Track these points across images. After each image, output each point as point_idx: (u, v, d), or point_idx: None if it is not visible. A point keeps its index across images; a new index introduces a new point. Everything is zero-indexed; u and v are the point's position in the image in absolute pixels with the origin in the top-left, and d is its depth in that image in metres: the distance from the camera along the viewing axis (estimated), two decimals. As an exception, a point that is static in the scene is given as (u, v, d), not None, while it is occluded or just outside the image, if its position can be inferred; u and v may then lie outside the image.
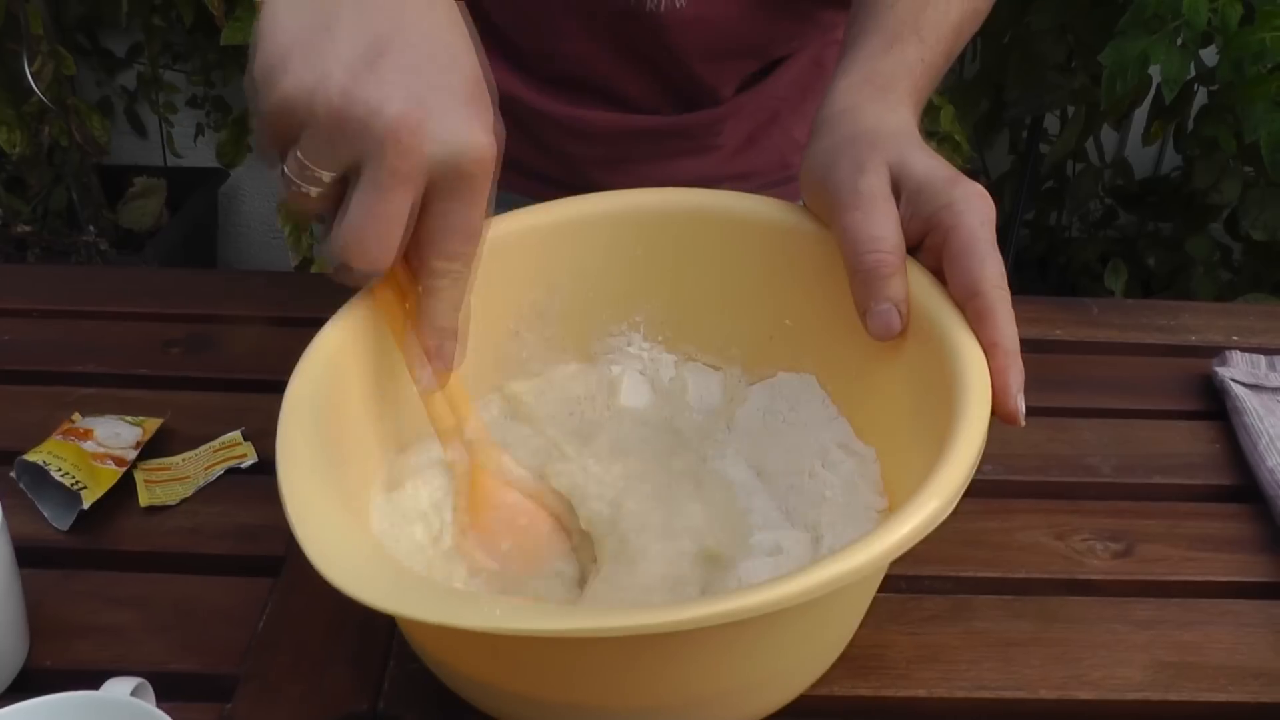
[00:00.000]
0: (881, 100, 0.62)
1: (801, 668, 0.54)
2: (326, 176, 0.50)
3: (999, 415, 0.52)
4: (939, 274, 0.56)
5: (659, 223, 0.66)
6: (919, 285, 0.56)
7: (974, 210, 0.55)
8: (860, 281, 0.56)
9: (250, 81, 0.51)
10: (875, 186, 0.56)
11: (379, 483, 0.60)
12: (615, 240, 0.66)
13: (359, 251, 0.51)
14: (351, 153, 0.49)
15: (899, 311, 0.56)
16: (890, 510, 0.59)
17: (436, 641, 0.53)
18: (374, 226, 0.50)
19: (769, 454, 0.64)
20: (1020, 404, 0.52)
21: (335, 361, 0.57)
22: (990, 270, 0.54)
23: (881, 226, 0.56)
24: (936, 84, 0.69)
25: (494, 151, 0.51)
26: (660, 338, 0.69)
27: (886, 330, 0.56)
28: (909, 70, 0.65)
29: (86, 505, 0.66)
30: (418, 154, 0.49)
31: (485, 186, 0.52)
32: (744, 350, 0.68)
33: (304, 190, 0.51)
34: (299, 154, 0.50)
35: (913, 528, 0.45)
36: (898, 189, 0.57)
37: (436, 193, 0.51)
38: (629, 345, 0.69)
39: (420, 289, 0.55)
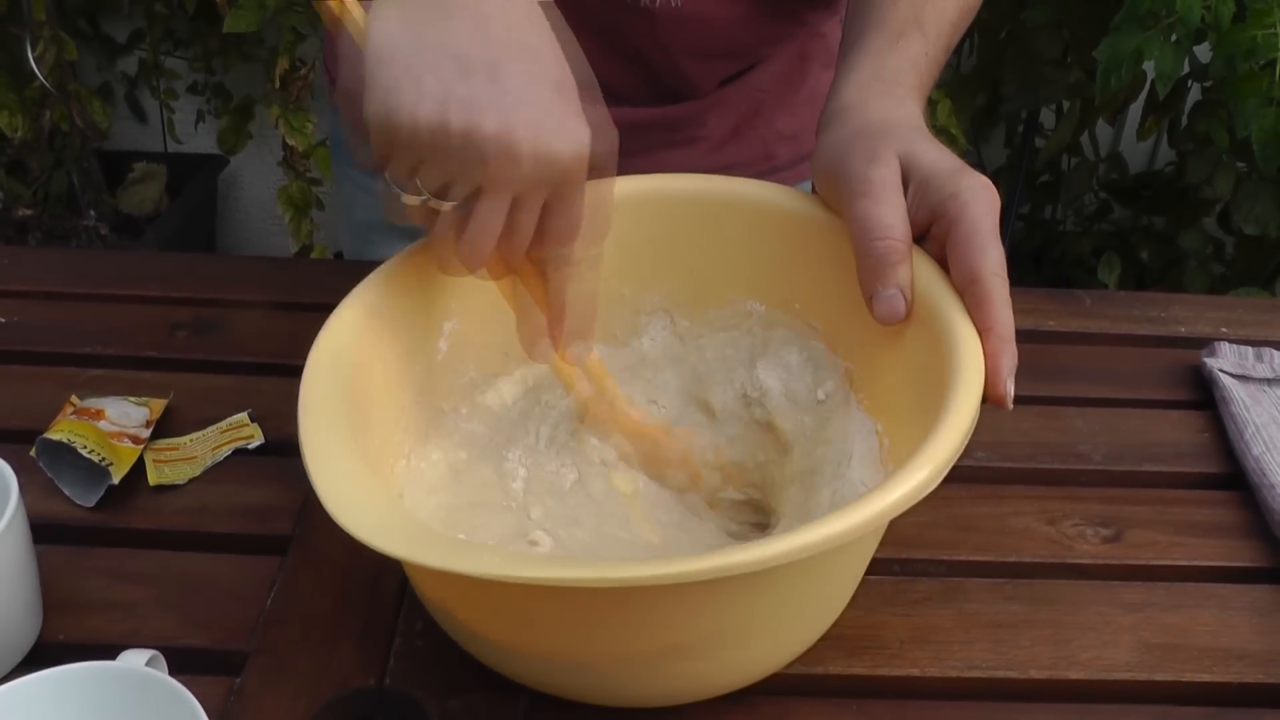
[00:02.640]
0: (890, 95, 0.64)
1: (790, 629, 0.56)
2: (447, 205, 0.54)
3: (989, 398, 0.53)
4: (942, 262, 0.58)
5: (675, 207, 0.68)
6: (923, 272, 0.58)
7: (979, 200, 0.57)
8: (869, 266, 0.58)
9: (345, 96, 0.54)
10: (886, 176, 0.58)
11: (401, 450, 0.62)
12: (637, 223, 0.68)
13: (479, 260, 0.55)
14: (475, 175, 0.52)
15: (904, 297, 0.58)
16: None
17: (446, 591, 0.55)
18: (491, 239, 0.54)
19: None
20: (1009, 388, 0.54)
21: (358, 331, 0.59)
22: (991, 258, 0.56)
23: (891, 215, 0.58)
24: (938, 76, 0.70)
25: (586, 146, 0.54)
26: (679, 319, 0.71)
27: (891, 314, 0.58)
28: (914, 65, 0.67)
29: (116, 480, 0.68)
30: (539, 170, 0.52)
31: (583, 179, 0.55)
32: (752, 329, 0.70)
33: (426, 204, 0.54)
34: (419, 181, 0.53)
35: (872, 512, 0.47)
36: (906, 179, 0.59)
37: (551, 196, 0.55)
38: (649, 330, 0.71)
39: (546, 276, 0.59)
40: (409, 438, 0.62)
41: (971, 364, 0.53)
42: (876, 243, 0.57)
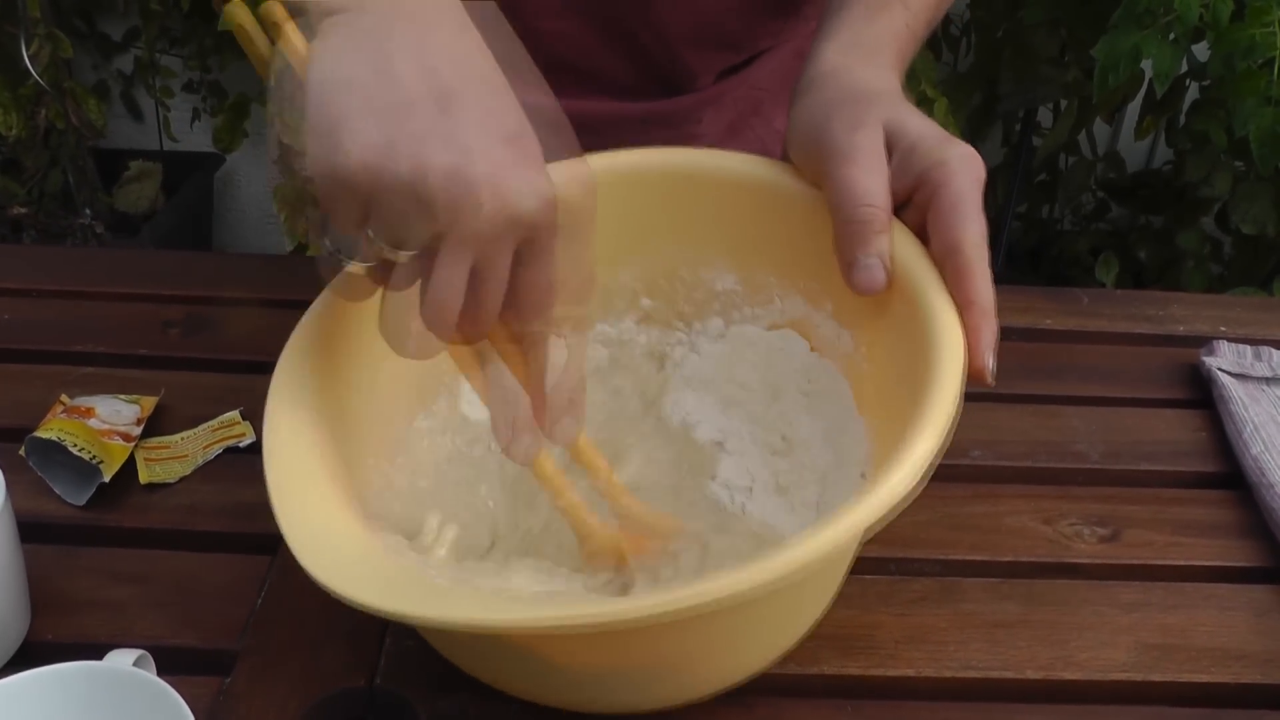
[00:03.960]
0: (870, 64, 0.63)
1: (782, 630, 0.55)
2: (403, 255, 0.48)
3: (970, 374, 0.52)
4: (921, 232, 0.57)
5: (648, 181, 0.67)
6: (902, 244, 0.57)
7: (965, 170, 0.56)
8: (849, 234, 0.57)
9: (291, 142, 0.49)
10: (870, 143, 0.57)
11: (379, 453, 0.61)
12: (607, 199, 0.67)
13: (444, 324, 0.49)
14: (433, 224, 0.47)
15: (884, 266, 0.56)
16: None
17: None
18: (455, 298, 0.48)
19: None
20: (990, 361, 0.53)
21: (317, 348, 0.58)
22: (973, 230, 0.55)
23: (874, 182, 0.56)
24: (917, 51, 0.70)
25: (552, 193, 0.49)
26: (651, 295, 0.70)
27: (871, 284, 0.57)
28: (895, 36, 0.66)
29: (107, 478, 0.67)
30: (502, 213, 0.47)
31: (554, 236, 0.50)
32: (726, 305, 0.69)
33: (375, 265, 0.49)
34: (370, 232, 0.48)
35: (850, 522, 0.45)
36: (890, 147, 0.58)
37: (524, 246, 0.50)
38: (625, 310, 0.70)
39: (524, 347, 0.55)
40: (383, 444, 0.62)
41: (952, 352, 0.52)
42: (860, 209, 0.56)
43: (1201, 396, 0.80)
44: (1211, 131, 1.65)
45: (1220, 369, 0.80)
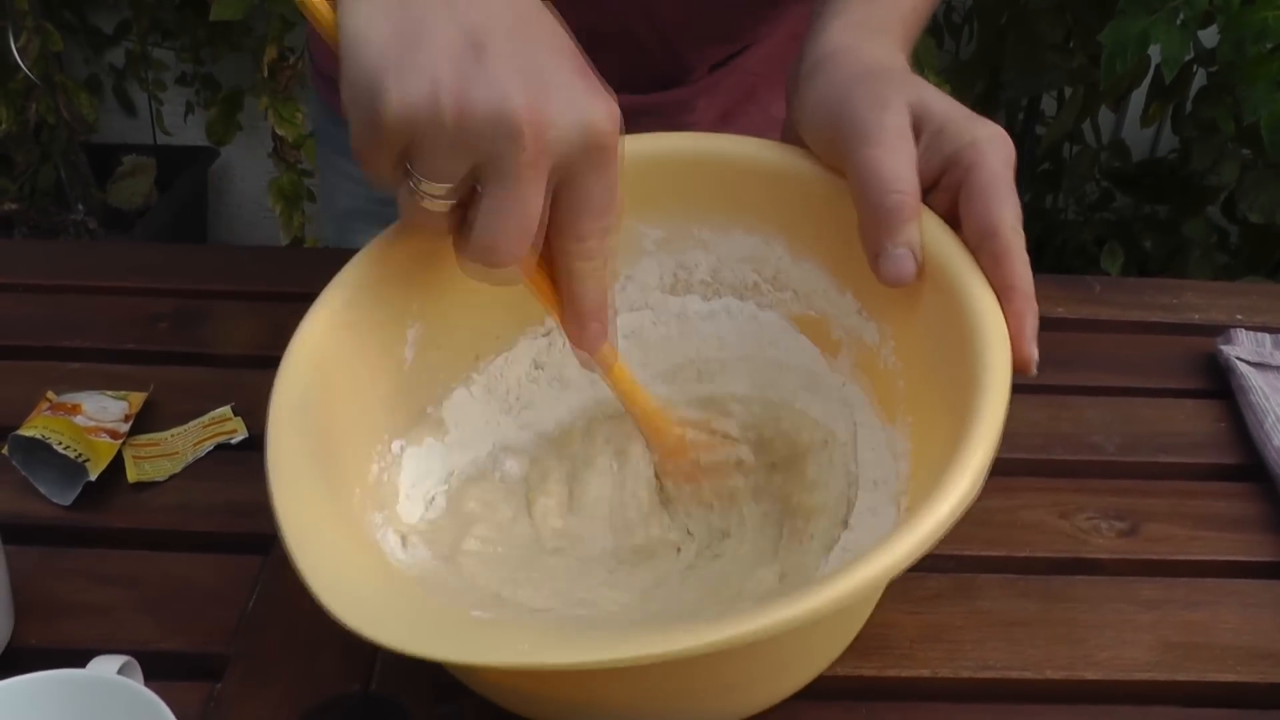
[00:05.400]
0: (879, 43, 0.61)
1: (808, 659, 0.53)
2: (445, 189, 0.48)
3: (1014, 363, 0.50)
4: (952, 217, 0.54)
5: (659, 168, 0.64)
6: (933, 229, 0.54)
7: (997, 149, 0.53)
8: (877, 221, 0.54)
9: (345, 101, 0.48)
10: (900, 124, 0.54)
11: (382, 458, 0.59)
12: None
13: (503, 253, 0.48)
14: (476, 155, 0.46)
15: (915, 256, 0.53)
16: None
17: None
18: (515, 224, 0.48)
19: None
20: (1034, 351, 0.51)
21: (321, 358, 0.55)
22: (1009, 212, 0.52)
23: (903, 166, 0.53)
24: (918, 36, 0.67)
25: (618, 114, 0.49)
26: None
27: (901, 275, 0.54)
28: (901, 17, 0.64)
29: (93, 476, 0.65)
30: (547, 140, 0.46)
31: (615, 154, 0.49)
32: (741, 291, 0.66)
33: (431, 205, 0.48)
34: (415, 171, 0.47)
35: (918, 539, 0.43)
36: (918, 128, 0.55)
37: (569, 173, 0.49)
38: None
39: (563, 274, 0.53)
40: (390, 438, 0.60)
41: (998, 341, 0.50)
42: (890, 195, 0.53)
43: (1219, 386, 0.78)
44: (1219, 119, 1.63)
45: (1239, 358, 0.77)
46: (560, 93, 0.47)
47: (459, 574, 0.57)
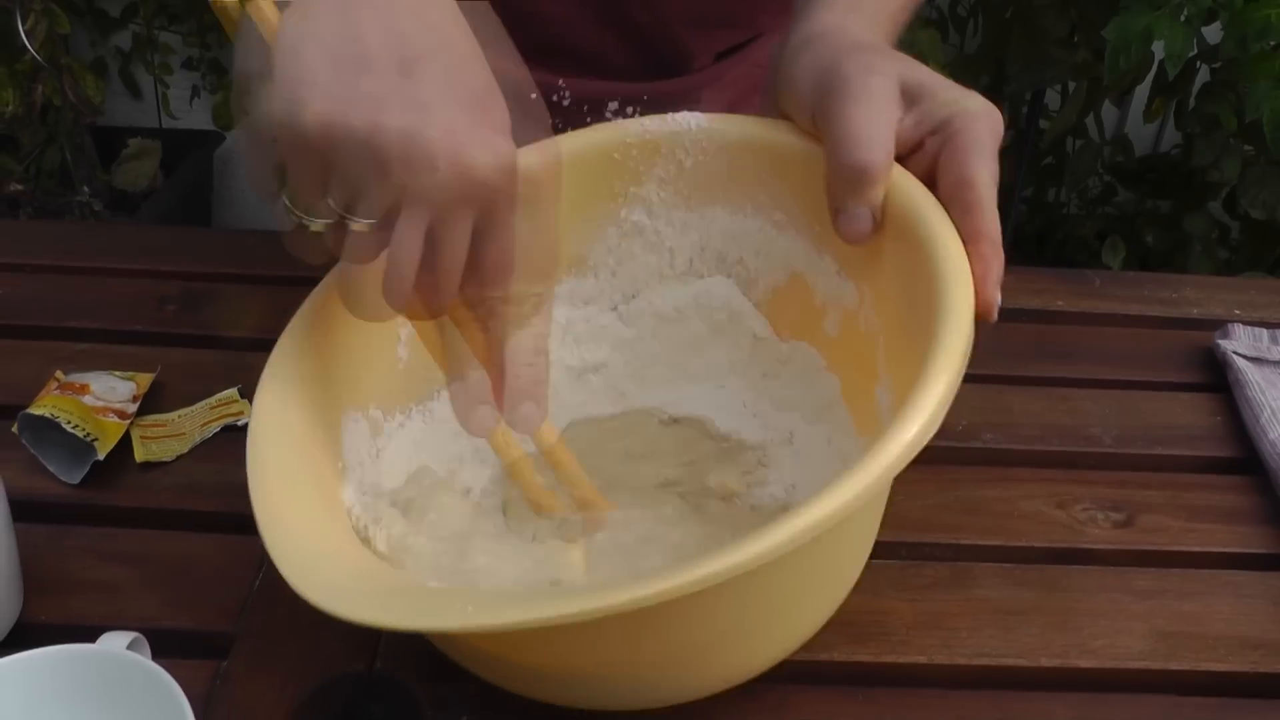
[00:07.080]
0: (868, 30, 0.62)
1: (789, 622, 0.54)
2: (362, 224, 0.47)
3: (976, 308, 0.50)
4: (928, 179, 0.55)
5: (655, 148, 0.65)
6: (904, 184, 0.55)
7: (985, 119, 0.54)
8: (844, 178, 0.55)
9: (260, 111, 0.48)
10: (886, 88, 0.55)
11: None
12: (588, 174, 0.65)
13: (400, 292, 0.48)
14: (389, 186, 0.46)
15: (874, 218, 0.55)
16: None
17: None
18: (411, 263, 0.47)
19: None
20: (997, 295, 0.51)
21: (317, 342, 0.57)
22: (985, 170, 0.53)
23: (879, 128, 0.54)
24: (902, 32, 0.68)
25: (513, 159, 0.47)
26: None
27: (858, 233, 0.55)
28: (890, 16, 0.64)
29: (101, 456, 0.66)
30: (459, 179, 0.46)
31: (504, 201, 0.48)
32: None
33: (335, 226, 0.48)
34: (331, 200, 0.47)
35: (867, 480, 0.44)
36: (910, 100, 0.55)
37: (483, 216, 0.48)
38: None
39: (485, 324, 0.53)
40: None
41: (961, 280, 0.50)
42: (861, 153, 0.54)
43: (1216, 380, 0.79)
44: (1221, 114, 1.63)
45: (1236, 352, 0.78)
46: (475, 135, 0.46)
47: (424, 548, 0.58)
